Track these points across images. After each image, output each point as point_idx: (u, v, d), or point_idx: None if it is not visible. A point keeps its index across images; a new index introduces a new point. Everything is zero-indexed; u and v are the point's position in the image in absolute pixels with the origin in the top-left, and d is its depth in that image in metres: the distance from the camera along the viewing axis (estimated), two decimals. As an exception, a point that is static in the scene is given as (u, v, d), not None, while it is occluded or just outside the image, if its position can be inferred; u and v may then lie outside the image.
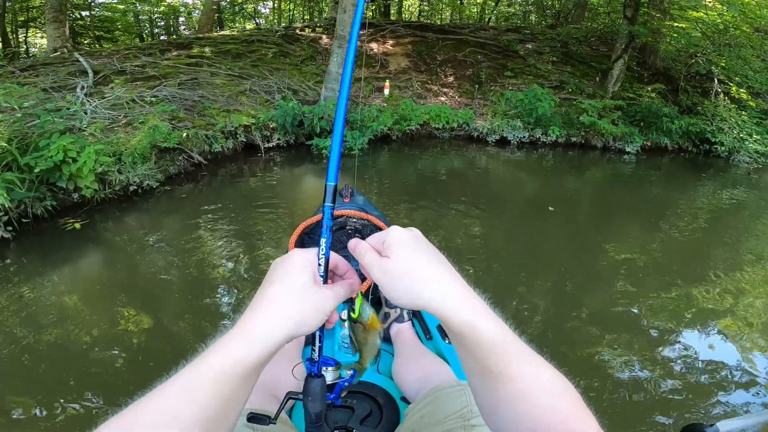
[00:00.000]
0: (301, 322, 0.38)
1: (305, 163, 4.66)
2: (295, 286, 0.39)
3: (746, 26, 7.36)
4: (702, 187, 6.17)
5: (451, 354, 1.15)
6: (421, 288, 0.38)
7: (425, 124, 5.88)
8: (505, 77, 7.98)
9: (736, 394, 1.91)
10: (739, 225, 4.65)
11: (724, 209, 5.20)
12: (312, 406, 0.49)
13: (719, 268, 3.31)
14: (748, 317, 2.57)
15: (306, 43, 8.19)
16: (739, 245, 3.96)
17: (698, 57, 8.43)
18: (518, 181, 5.21)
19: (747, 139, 7.92)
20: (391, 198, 3.89)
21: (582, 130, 6.74)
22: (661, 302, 2.60)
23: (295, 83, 6.35)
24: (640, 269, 3.03)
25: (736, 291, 2.91)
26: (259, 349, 0.35)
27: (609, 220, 4.22)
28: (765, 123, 8.64)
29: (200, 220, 3.13)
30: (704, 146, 7.94)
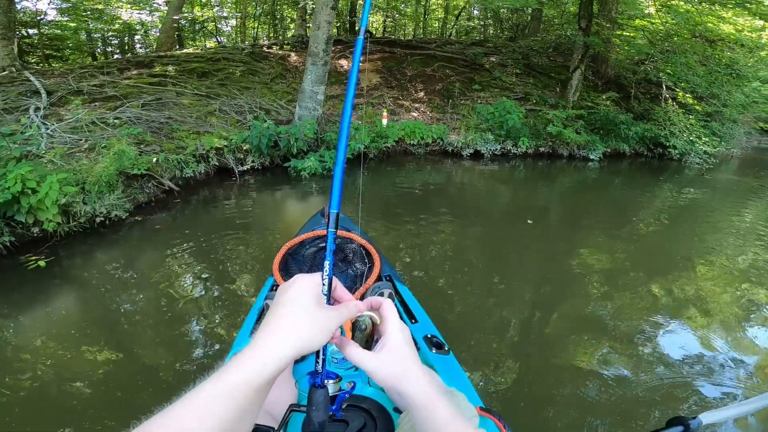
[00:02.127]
0: (308, 341, 0.42)
1: (282, 186, 4.55)
2: (302, 309, 0.43)
3: (686, 33, 7.99)
4: (660, 189, 6.60)
5: (439, 363, 1.18)
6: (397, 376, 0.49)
7: (400, 140, 5.94)
8: (473, 91, 8.23)
9: (711, 386, 2.03)
10: (697, 221, 5.01)
11: (681, 208, 5.59)
12: (316, 415, 0.51)
13: (682, 264, 3.56)
14: (712, 310, 2.74)
15: (274, 60, 8.12)
16: (698, 241, 4.26)
17: (646, 64, 9.09)
18: (494, 193, 5.35)
19: (697, 141, 8.57)
20: (371, 215, 3.86)
21: (549, 140, 7.06)
22: (631, 301, 2.73)
23: (267, 102, 6.25)
24: (608, 271, 3.19)
25: (699, 285, 3.11)
26: (271, 365, 0.39)
27: (578, 226, 4.41)
28: (710, 125, 9.41)
29: (174, 252, 2.96)
30: (658, 150, 8.53)
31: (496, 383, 1.95)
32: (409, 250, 3.23)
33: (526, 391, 1.92)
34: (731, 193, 6.98)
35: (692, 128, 8.71)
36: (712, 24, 8.00)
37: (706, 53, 7.97)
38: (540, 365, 2.11)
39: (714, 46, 8.06)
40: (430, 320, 1.43)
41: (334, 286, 0.51)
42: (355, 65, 0.61)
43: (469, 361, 2.04)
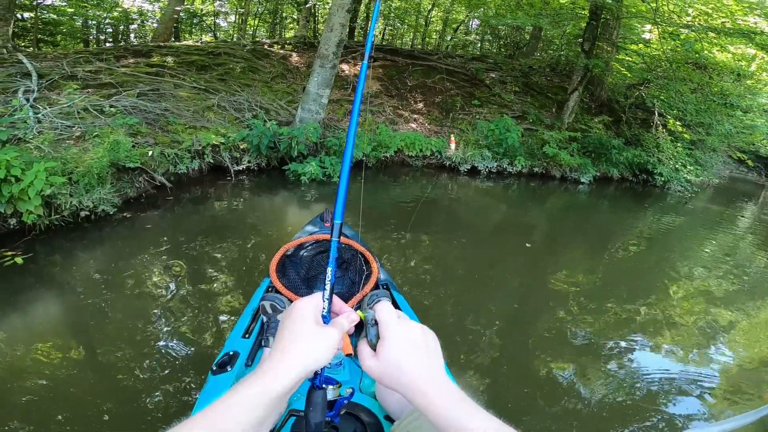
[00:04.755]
0: (314, 359, 0.46)
1: (279, 189, 4.45)
2: (303, 331, 0.47)
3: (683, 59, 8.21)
4: (643, 215, 6.77)
5: None
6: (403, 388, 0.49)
7: (399, 151, 5.91)
8: (472, 105, 8.29)
9: (688, 404, 2.08)
10: (672, 248, 5.14)
11: (659, 234, 5.75)
12: (313, 416, 0.52)
13: (655, 287, 3.64)
14: (680, 331, 2.82)
15: (276, 59, 8.02)
16: (674, 266, 4.37)
17: (641, 89, 9.33)
18: (490, 210, 5.37)
19: (681, 169, 8.82)
20: (365, 226, 3.80)
21: (543, 161, 7.14)
22: (608, 320, 2.78)
23: (267, 101, 6.14)
24: (588, 291, 3.25)
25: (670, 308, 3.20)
26: (280, 384, 0.43)
27: (564, 247, 4.47)
28: (693, 153, 9.71)
29: (163, 254, 2.83)
30: (643, 176, 8.74)
31: (489, 393, 1.97)
32: (401, 261, 3.19)
33: (513, 398, 1.96)
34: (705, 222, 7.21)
35: (678, 156, 8.95)
36: (708, 51, 8.24)
37: (702, 81, 8.20)
38: (525, 376, 2.14)
39: (705, 73, 8.31)
40: None
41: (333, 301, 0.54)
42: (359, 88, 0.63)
43: (464, 371, 2.07)
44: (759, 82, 9.45)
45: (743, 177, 19.15)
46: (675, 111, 9.14)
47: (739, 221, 8.28)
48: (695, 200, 8.80)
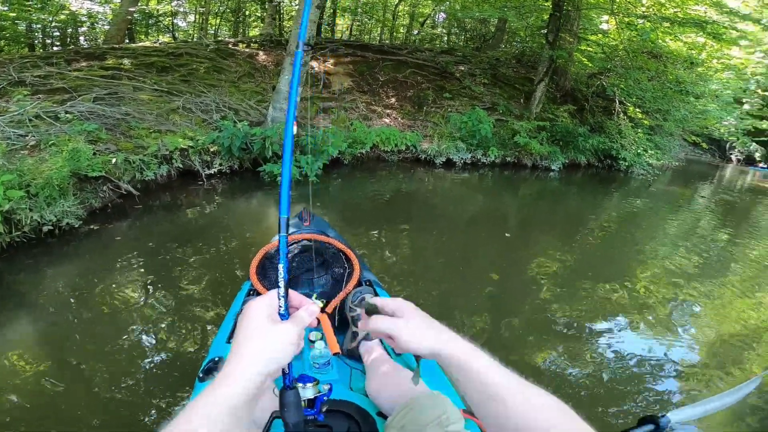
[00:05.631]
0: (270, 358, 0.44)
1: (254, 191, 4.34)
2: (255, 331, 0.46)
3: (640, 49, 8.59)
4: (610, 199, 7.09)
5: (421, 366, 1.17)
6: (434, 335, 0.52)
7: (374, 147, 5.91)
8: (443, 98, 8.37)
9: (668, 383, 2.16)
10: (638, 229, 5.42)
11: (626, 216, 6.05)
12: (289, 416, 0.51)
13: (630, 268, 3.83)
14: (660, 309, 2.96)
15: (242, 59, 7.80)
16: (642, 246, 4.61)
17: (601, 78, 9.71)
18: (467, 201, 5.46)
19: (643, 154, 9.28)
20: (348, 223, 3.79)
21: (515, 150, 7.33)
22: (587, 304, 2.89)
23: (235, 102, 5.97)
24: (562, 275, 3.36)
25: (639, 288, 3.36)
26: (239, 388, 0.41)
27: (538, 233, 4.61)
28: (653, 138, 10.25)
29: (137, 264, 2.71)
30: (608, 161, 9.15)
31: None
32: (377, 255, 3.19)
33: None
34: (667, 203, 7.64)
35: (639, 141, 9.41)
36: (662, 41, 8.66)
37: (658, 69, 8.61)
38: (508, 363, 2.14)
39: (661, 61, 8.74)
40: None
41: (290, 296, 0.52)
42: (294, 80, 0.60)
43: None
44: (709, 69, 10.01)
45: (698, 159, 20.37)
46: (634, 98, 9.57)
47: (698, 200, 8.81)
48: (657, 183, 9.30)
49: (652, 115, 10.20)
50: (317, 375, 1.14)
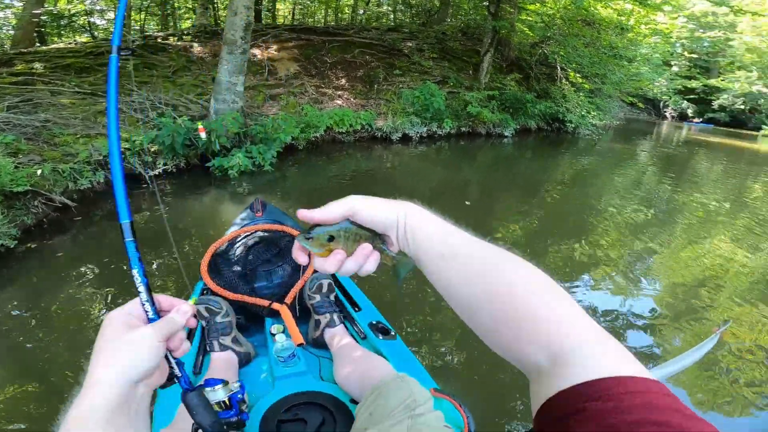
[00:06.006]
0: (127, 365, 0.42)
1: (206, 188, 4.10)
2: (107, 341, 0.44)
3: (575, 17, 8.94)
4: (561, 159, 7.42)
5: (387, 348, 1.20)
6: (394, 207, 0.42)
7: (329, 129, 5.77)
8: (394, 76, 8.31)
9: (638, 337, 2.25)
10: (590, 185, 5.73)
11: (578, 174, 6.36)
12: (201, 419, 0.50)
13: (587, 224, 4.03)
14: (619, 264, 3.12)
15: (174, 52, 7.28)
16: (595, 202, 4.89)
17: (543, 47, 10.04)
18: (427, 173, 5.51)
19: (586, 115, 9.80)
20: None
21: (469, 120, 7.45)
22: (551, 264, 2.98)
23: (172, 97, 5.58)
24: (526, 236, 3.49)
25: (604, 242, 3.56)
26: (99, 398, 0.40)
27: (500, 199, 4.76)
28: (594, 101, 10.82)
29: (87, 278, 2.49)
30: (556, 125, 9.59)
31: (446, 363, 1.94)
32: None
33: (475, 365, 1.93)
34: (613, 159, 8.14)
35: (582, 104, 9.91)
36: (593, 8, 9.04)
37: (593, 36, 9.02)
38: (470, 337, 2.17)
39: (594, 28, 9.15)
40: (374, 306, 1.42)
41: (157, 300, 0.49)
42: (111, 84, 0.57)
43: (417, 343, 2.01)
44: (639, 35, 10.60)
45: (636, 118, 21.80)
46: (573, 64, 10.01)
47: (639, 155, 9.42)
48: (601, 141, 9.84)
49: (591, 79, 10.73)
50: (285, 368, 1.12)
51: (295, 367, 1.13)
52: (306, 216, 0.41)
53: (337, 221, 0.40)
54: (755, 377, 1.99)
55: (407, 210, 0.42)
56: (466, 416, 0.94)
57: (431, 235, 0.41)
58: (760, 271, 3.26)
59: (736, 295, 2.82)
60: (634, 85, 13.17)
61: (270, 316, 1.33)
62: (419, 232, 0.41)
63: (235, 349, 1.18)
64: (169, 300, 0.51)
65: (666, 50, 14.55)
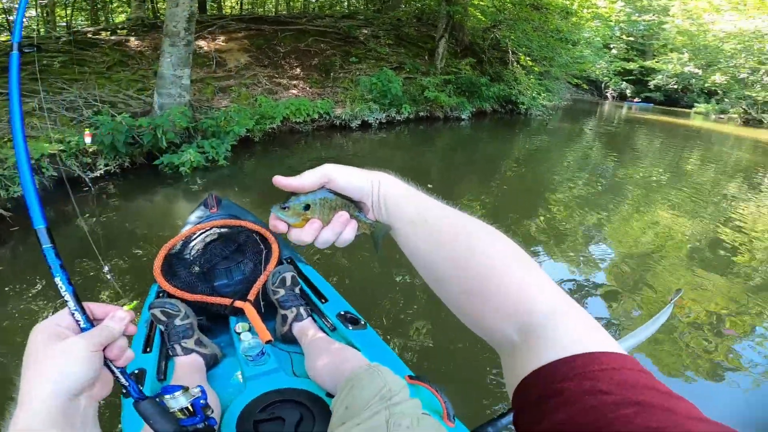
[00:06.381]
0: (58, 379, 0.40)
1: (156, 187, 3.84)
2: (34, 353, 0.41)
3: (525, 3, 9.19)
4: (516, 139, 7.71)
5: (358, 339, 1.20)
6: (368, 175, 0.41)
7: (286, 119, 5.59)
8: (351, 63, 8.19)
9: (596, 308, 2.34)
10: (543, 163, 6.00)
11: (532, 152, 6.64)
12: (160, 427, 0.48)
13: (543, 201, 4.21)
14: (574, 240, 3.27)
15: (108, 47, 6.72)
16: (548, 179, 5.13)
17: (494, 32, 10.28)
18: (387, 159, 5.51)
19: (537, 97, 10.22)
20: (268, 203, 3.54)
21: (427, 105, 7.53)
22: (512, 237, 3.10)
23: (109, 94, 5.16)
24: (487, 215, 3.57)
25: (559, 217, 3.74)
26: (31, 414, 0.38)
27: (461, 180, 4.85)
28: (543, 83, 11.30)
29: (35, 292, 2.26)
30: (509, 107, 9.96)
31: (420, 348, 1.91)
32: None
33: (450, 348, 1.91)
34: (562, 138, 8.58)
35: (533, 86, 10.33)
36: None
37: (541, 20, 9.34)
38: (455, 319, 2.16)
39: (542, 13, 9.48)
40: (341, 297, 1.40)
41: (90, 309, 0.47)
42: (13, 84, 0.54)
43: (388, 331, 1.98)
44: (581, 19, 11.11)
45: (582, 98, 22.99)
46: (524, 48, 10.35)
47: (586, 134, 9.97)
48: (552, 121, 10.32)
49: (540, 62, 11.18)
50: (255, 367, 1.08)
51: (265, 365, 1.10)
52: (281, 183, 0.40)
53: (313, 189, 0.39)
54: (707, 342, 2.10)
55: (381, 178, 0.41)
56: (444, 401, 0.93)
57: (402, 201, 0.40)
58: (698, 237, 3.54)
59: (681, 262, 3.03)
60: (578, 68, 13.86)
61: (234, 314, 1.28)
62: (391, 199, 0.40)
63: (200, 352, 1.13)
64: (103, 307, 0.48)
65: (606, 34, 15.39)
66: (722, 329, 2.22)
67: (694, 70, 19.80)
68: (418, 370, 1.07)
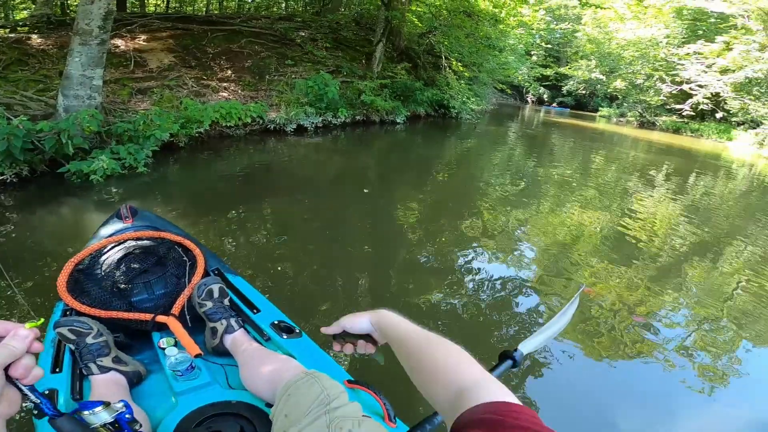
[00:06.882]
0: None
1: (62, 197, 3.44)
2: None
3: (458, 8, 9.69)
4: (448, 142, 8.15)
5: (294, 347, 1.18)
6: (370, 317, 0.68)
7: (215, 123, 5.33)
8: (286, 66, 8.03)
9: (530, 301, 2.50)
10: (474, 164, 6.43)
11: (463, 155, 7.07)
12: None
13: (473, 200, 4.48)
14: (501, 236, 3.52)
15: (5, 45, 5.90)
16: (478, 180, 5.50)
17: (429, 37, 10.73)
18: (322, 164, 5.50)
19: (467, 101, 10.86)
20: (196, 213, 3.38)
21: (363, 109, 7.64)
22: (447, 241, 3.25)
23: (4, 95, 4.54)
24: (422, 218, 3.74)
25: (487, 216, 4.01)
26: None
27: (394, 182, 5.01)
28: (473, 88, 12.05)
29: None
30: (441, 110, 10.48)
31: None
32: (237, 240, 2.96)
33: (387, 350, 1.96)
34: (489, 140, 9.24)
35: (463, 91, 10.96)
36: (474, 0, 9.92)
37: (472, 27, 9.92)
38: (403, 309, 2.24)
39: (473, 20, 10.08)
40: (274, 306, 1.38)
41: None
42: None
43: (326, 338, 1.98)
44: (508, 26, 11.97)
45: (506, 102, 24.82)
46: (456, 54, 10.92)
47: (510, 136, 10.80)
48: (480, 125, 11.04)
49: (470, 67, 11.88)
50: (186, 382, 1.04)
51: (197, 380, 1.05)
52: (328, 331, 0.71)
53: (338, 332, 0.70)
54: (621, 326, 2.31)
55: (379, 317, 0.66)
56: (384, 402, 0.95)
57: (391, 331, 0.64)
58: (604, 230, 3.99)
59: (592, 254, 3.37)
60: (503, 73, 14.94)
61: (157, 330, 1.22)
62: (385, 331, 0.65)
63: (119, 370, 1.06)
64: (3, 325, 0.46)
65: (528, 41, 16.74)
66: (633, 317, 2.39)
67: (599, 76, 22.19)
68: (357, 375, 1.08)
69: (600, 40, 20.58)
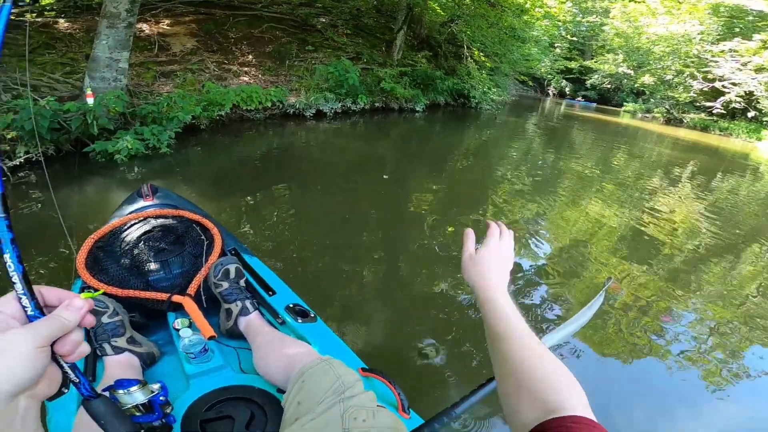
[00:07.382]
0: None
1: (86, 176, 3.52)
2: None
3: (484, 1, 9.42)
4: (467, 132, 7.98)
5: (309, 332, 1.16)
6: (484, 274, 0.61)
7: (236, 107, 5.36)
8: (306, 51, 8.00)
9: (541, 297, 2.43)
10: (492, 156, 6.29)
11: (482, 145, 6.92)
12: (112, 428, 0.43)
13: (489, 191, 4.40)
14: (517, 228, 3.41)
15: (33, 29, 6.05)
16: (495, 170, 5.38)
17: (452, 26, 10.49)
18: (342, 149, 5.48)
19: (488, 92, 10.61)
20: (216, 194, 3.42)
21: (383, 96, 7.57)
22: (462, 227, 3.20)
23: (32, 77, 4.66)
24: (438, 207, 3.67)
25: (503, 207, 3.91)
26: None
27: (414, 171, 4.95)
28: (494, 78, 11.75)
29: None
30: (461, 100, 10.27)
31: (373, 340, 1.89)
32: (254, 221, 2.97)
33: (403, 340, 1.90)
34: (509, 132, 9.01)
35: (484, 81, 10.70)
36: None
37: (496, 17, 9.64)
38: (406, 308, 2.14)
39: (497, 9, 9.79)
40: (290, 289, 1.37)
41: (41, 294, 0.40)
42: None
43: (340, 323, 1.94)
44: (533, 17, 11.58)
45: (526, 94, 24.17)
46: (478, 43, 10.65)
47: (529, 128, 10.52)
48: (500, 116, 10.77)
49: (492, 58, 11.56)
50: (198, 365, 1.03)
51: (210, 363, 1.05)
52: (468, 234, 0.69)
53: None
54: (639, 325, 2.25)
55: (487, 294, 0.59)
56: (398, 393, 0.93)
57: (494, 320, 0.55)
58: (624, 227, 3.86)
59: (610, 251, 3.27)
60: (526, 65, 14.51)
61: (172, 310, 1.21)
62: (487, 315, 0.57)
63: (133, 351, 1.05)
64: (57, 293, 0.41)
65: (553, 33, 16.19)
66: (661, 317, 2.33)
67: (626, 70, 21.40)
68: (372, 363, 1.06)
69: (629, 34, 19.79)
